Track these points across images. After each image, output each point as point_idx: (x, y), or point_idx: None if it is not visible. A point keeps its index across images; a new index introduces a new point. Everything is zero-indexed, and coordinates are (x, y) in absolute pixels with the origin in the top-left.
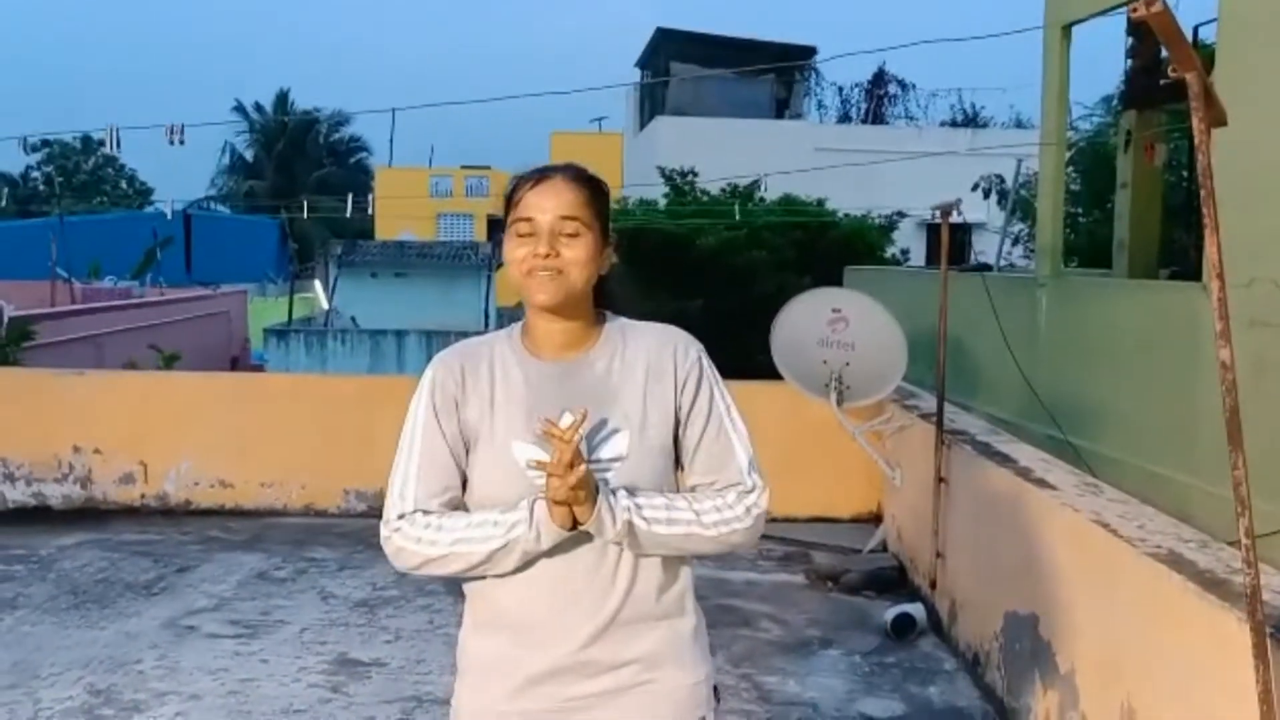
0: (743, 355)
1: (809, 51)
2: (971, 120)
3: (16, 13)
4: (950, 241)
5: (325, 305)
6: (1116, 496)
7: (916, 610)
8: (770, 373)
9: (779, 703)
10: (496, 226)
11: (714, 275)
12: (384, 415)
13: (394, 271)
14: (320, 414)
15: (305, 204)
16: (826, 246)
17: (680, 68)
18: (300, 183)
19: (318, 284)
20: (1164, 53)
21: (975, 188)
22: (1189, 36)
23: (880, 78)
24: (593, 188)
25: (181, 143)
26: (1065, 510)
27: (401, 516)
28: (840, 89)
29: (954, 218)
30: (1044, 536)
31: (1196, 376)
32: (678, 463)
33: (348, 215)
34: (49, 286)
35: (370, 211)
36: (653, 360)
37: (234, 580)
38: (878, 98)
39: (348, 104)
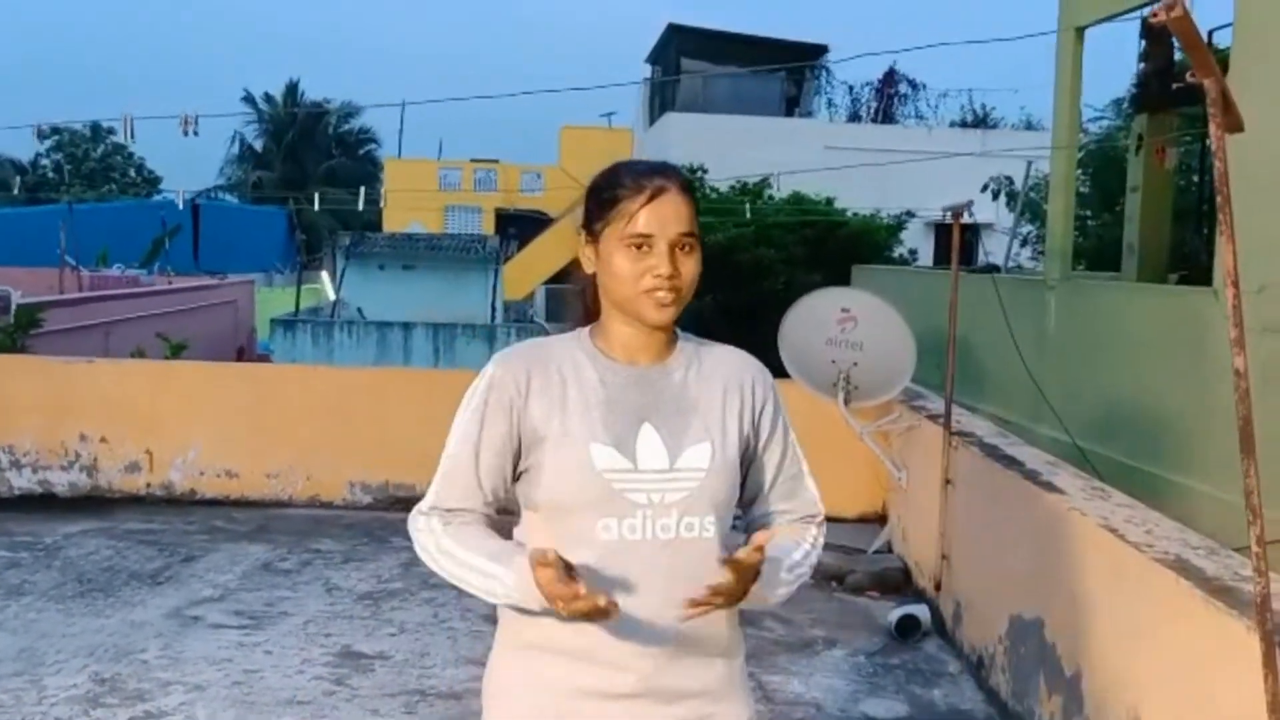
0: (750, 353)
1: (820, 50)
2: (981, 121)
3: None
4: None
5: (332, 296)
6: (1124, 501)
7: (921, 611)
8: (777, 370)
9: (782, 702)
10: (505, 220)
11: (722, 272)
12: (390, 407)
13: (401, 263)
14: (327, 405)
15: (317, 196)
16: (835, 245)
17: (691, 64)
18: (309, 174)
19: (325, 275)
20: (1178, 56)
21: (984, 189)
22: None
23: (891, 77)
24: (694, 196)
25: (196, 133)
26: (1072, 514)
27: (423, 513)
28: (850, 88)
29: (964, 219)
30: (1050, 540)
31: (1204, 382)
32: (743, 483)
33: (360, 208)
34: (57, 274)
35: (382, 204)
36: (731, 378)
37: (239, 571)
38: (888, 97)
39: (357, 97)
